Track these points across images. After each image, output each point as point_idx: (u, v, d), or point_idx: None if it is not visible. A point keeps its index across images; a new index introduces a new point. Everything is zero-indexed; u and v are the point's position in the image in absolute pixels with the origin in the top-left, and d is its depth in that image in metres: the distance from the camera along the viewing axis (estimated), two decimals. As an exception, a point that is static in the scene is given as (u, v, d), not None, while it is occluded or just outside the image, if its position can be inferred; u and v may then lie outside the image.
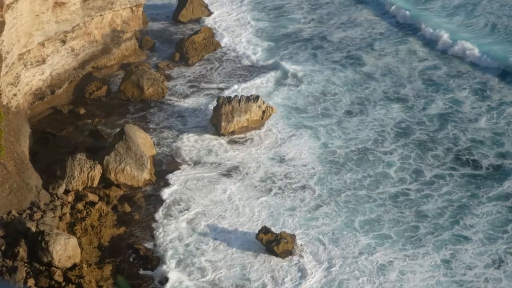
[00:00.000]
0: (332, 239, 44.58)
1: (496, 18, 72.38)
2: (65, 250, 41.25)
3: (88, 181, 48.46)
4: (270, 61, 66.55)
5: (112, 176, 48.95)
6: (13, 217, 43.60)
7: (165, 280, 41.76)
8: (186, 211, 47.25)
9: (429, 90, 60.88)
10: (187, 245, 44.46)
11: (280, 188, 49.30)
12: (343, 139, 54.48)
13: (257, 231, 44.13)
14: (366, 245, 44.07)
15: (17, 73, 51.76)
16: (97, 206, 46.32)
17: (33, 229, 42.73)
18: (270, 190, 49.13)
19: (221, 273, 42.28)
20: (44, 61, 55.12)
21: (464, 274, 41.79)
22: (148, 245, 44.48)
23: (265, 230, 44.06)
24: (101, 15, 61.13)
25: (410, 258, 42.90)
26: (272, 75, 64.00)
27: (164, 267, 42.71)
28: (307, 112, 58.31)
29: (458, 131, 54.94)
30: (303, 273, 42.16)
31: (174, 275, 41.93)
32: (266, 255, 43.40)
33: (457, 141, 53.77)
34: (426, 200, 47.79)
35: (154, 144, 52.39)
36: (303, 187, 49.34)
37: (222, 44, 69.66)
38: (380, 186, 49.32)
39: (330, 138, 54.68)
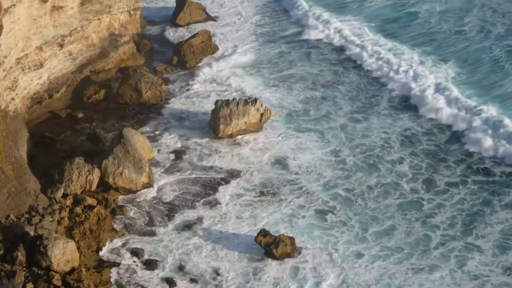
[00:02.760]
0: (335, 247, 44.32)
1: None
2: (63, 254, 41.25)
3: (86, 185, 48.46)
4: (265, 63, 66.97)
5: (110, 180, 48.95)
6: (11, 221, 43.60)
7: (164, 284, 41.82)
8: (184, 215, 47.25)
9: None
10: (185, 248, 44.44)
11: (279, 192, 49.16)
12: (346, 144, 54.38)
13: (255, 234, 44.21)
14: (372, 256, 43.77)
15: (15, 77, 51.79)
16: (95, 210, 46.31)
17: (32, 233, 42.72)
18: (270, 194, 49.04)
19: (220, 276, 42.28)
20: (42, 65, 55.15)
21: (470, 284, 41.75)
22: (147, 248, 44.43)
23: (264, 232, 44.05)
24: (98, 19, 61.18)
25: (415, 271, 42.54)
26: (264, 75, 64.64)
27: (162, 270, 42.73)
28: (309, 115, 58.30)
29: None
30: (303, 280, 42.10)
31: (173, 279, 42.06)
32: (265, 258, 43.35)
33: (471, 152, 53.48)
34: (438, 211, 47.36)
35: (152, 148, 52.36)
36: (304, 192, 49.22)
37: (220, 48, 69.70)
38: (388, 194, 49.00)
39: (331, 142, 54.62)
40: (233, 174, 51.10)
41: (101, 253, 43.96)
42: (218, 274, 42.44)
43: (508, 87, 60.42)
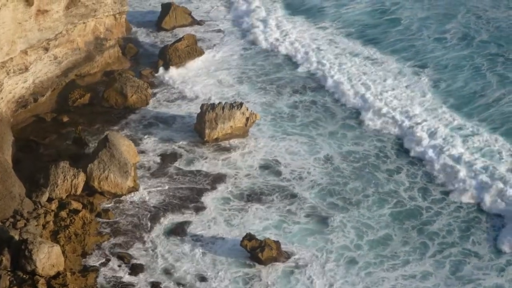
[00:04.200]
0: (328, 256, 44.07)
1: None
2: (48, 258, 41.05)
3: (71, 189, 48.27)
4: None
5: (95, 184, 48.80)
6: (-4, 225, 43.42)
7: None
8: (171, 219, 47.12)
9: None
10: (172, 253, 44.33)
11: (268, 198, 49.01)
12: (336, 150, 54.19)
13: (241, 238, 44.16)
14: (365, 264, 43.50)
15: (-1, 81, 51.66)
16: (80, 214, 46.12)
17: (17, 237, 42.49)
18: (258, 199, 48.88)
19: (207, 281, 42.15)
20: (27, 69, 54.94)
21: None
22: (133, 253, 44.30)
23: (249, 236, 44.01)
24: (84, 23, 61.04)
25: (405, 278, 42.39)
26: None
27: (149, 275, 42.59)
28: (294, 121, 58.20)
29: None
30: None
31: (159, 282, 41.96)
32: (255, 263, 43.16)
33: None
34: (436, 218, 47.22)
35: (137, 152, 52.21)
36: (292, 197, 49.07)
37: (205, 51, 69.71)
38: (385, 202, 48.70)
39: (323, 148, 54.42)
40: (221, 179, 50.97)
41: (86, 257, 43.79)
42: (205, 279, 42.33)
43: (490, 97, 60.20)
